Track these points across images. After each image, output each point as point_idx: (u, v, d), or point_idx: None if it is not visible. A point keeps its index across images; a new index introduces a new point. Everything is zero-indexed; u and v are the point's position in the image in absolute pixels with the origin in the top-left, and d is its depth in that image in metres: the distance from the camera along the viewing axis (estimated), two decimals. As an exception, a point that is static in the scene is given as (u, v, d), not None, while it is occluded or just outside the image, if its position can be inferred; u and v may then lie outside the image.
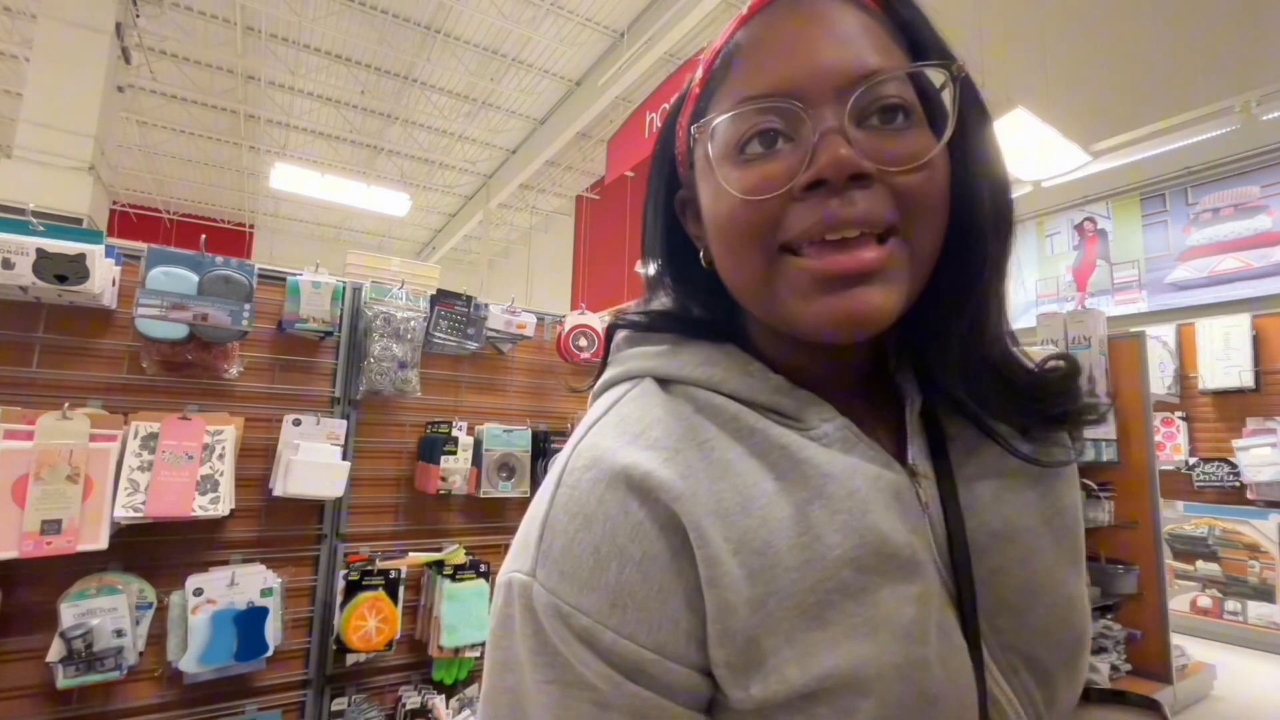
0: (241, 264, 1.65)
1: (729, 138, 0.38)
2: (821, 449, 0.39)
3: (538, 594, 0.35)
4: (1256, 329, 3.72)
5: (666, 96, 5.04)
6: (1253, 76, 3.86)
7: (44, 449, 1.36)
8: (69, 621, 1.37)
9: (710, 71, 0.42)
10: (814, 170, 0.35)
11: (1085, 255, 5.58)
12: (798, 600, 0.35)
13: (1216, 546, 3.68)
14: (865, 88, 0.35)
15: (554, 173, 9.21)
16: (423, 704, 1.81)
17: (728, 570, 0.35)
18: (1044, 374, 0.45)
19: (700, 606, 0.35)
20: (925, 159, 0.36)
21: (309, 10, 6.06)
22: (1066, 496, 0.44)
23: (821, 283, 0.36)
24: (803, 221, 0.36)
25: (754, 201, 0.36)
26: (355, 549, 1.84)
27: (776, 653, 0.34)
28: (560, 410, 2.27)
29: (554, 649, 0.34)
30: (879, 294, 0.36)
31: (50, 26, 4.20)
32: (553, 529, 0.36)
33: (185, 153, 8.93)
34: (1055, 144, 3.80)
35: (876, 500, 0.37)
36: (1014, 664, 0.40)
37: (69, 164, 4.04)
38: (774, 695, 0.34)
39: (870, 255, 0.35)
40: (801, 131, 0.36)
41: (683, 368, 0.43)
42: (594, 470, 0.37)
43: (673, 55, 6.11)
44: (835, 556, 0.35)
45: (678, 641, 0.35)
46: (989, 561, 0.40)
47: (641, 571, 0.35)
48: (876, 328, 0.36)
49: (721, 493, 0.37)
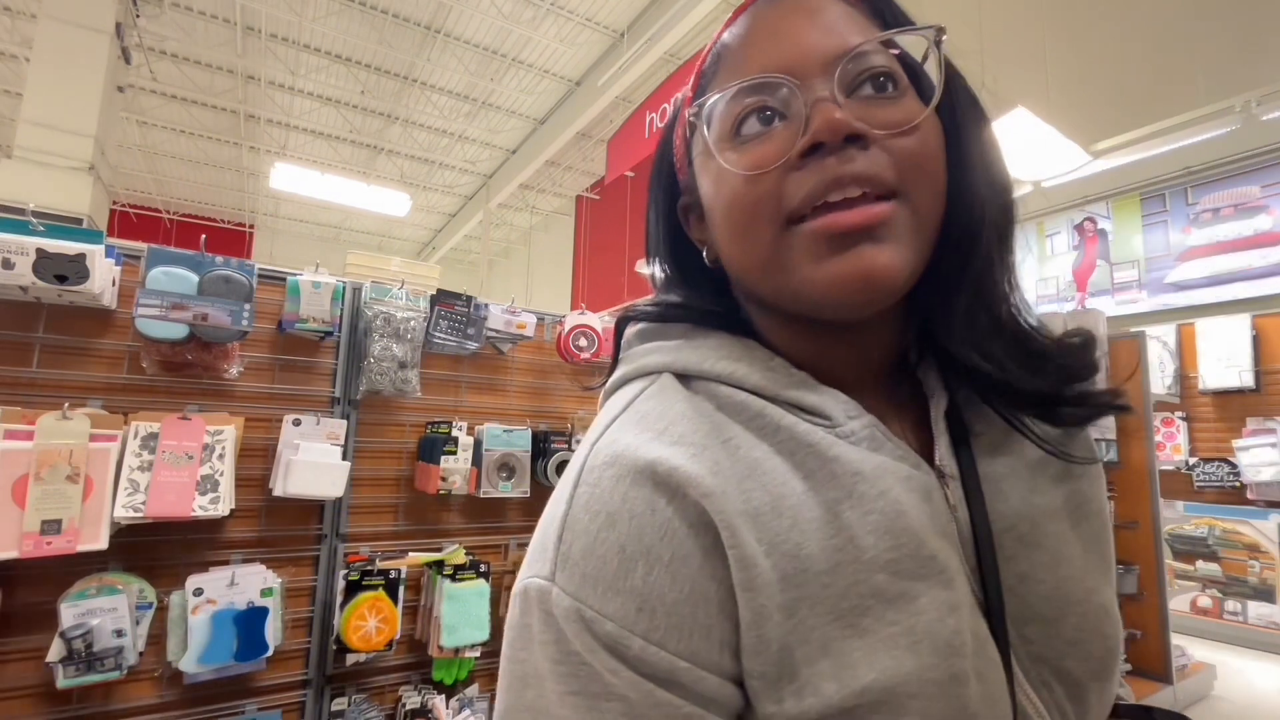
0: (241, 264, 1.65)
1: (724, 122, 0.39)
2: (850, 446, 0.37)
3: (557, 599, 0.32)
4: (1256, 329, 3.72)
5: (666, 96, 5.04)
6: (1253, 76, 3.86)
7: (44, 449, 1.36)
8: (69, 621, 1.37)
9: (701, 72, 0.43)
10: (810, 134, 0.35)
11: (1085, 255, 5.58)
12: (831, 606, 0.33)
13: (1216, 546, 3.68)
14: (851, 58, 0.36)
15: (554, 173, 9.21)
16: (423, 704, 1.81)
17: (762, 572, 0.33)
18: (1061, 341, 0.44)
19: (733, 611, 0.33)
20: (916, 121, 0.36)
21: (309, 10, 6.06)
22: (1094, 501, 0.43)
23: (828, 242, 0.35)
24: (805, 186, 0.36)
25: (755, 177, 0.36)
26: (355, 549, 1.84)
27: (811, 664, 0.32)
28: (560, 410, 2.27)
29: (578, 658, 0.32)
30: (887, 252, 0.35)
31: (50, 26, 4.20)
32: (572, 529, 0.34)
33: (185, 153, 8.93)
34: (1055, 144, 3.80)
35: (909, 501, 0.36)
36: (1045, 677, 0.38)
37: (69, 164, 4.04)
38: (808, 710, 0.32)
39: (875, 209, 0.35)
40: (794, 107, 0.37)
41: (703, 361, 0.41)
42: (616, 467, 0.35)
43: (673, 55, 6.11)
44: (870, 559, 0.34)
45: (710, 649, 0.32)
46: (1017, 567, 0.39)
47: (671, 573, 0.32)
48: (888, 288, 0.36)
49: (750, 492, 0.35)
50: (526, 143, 8.38)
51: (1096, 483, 0.44)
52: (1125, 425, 2.87)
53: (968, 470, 0.41)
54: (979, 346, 0.41)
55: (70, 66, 4.18)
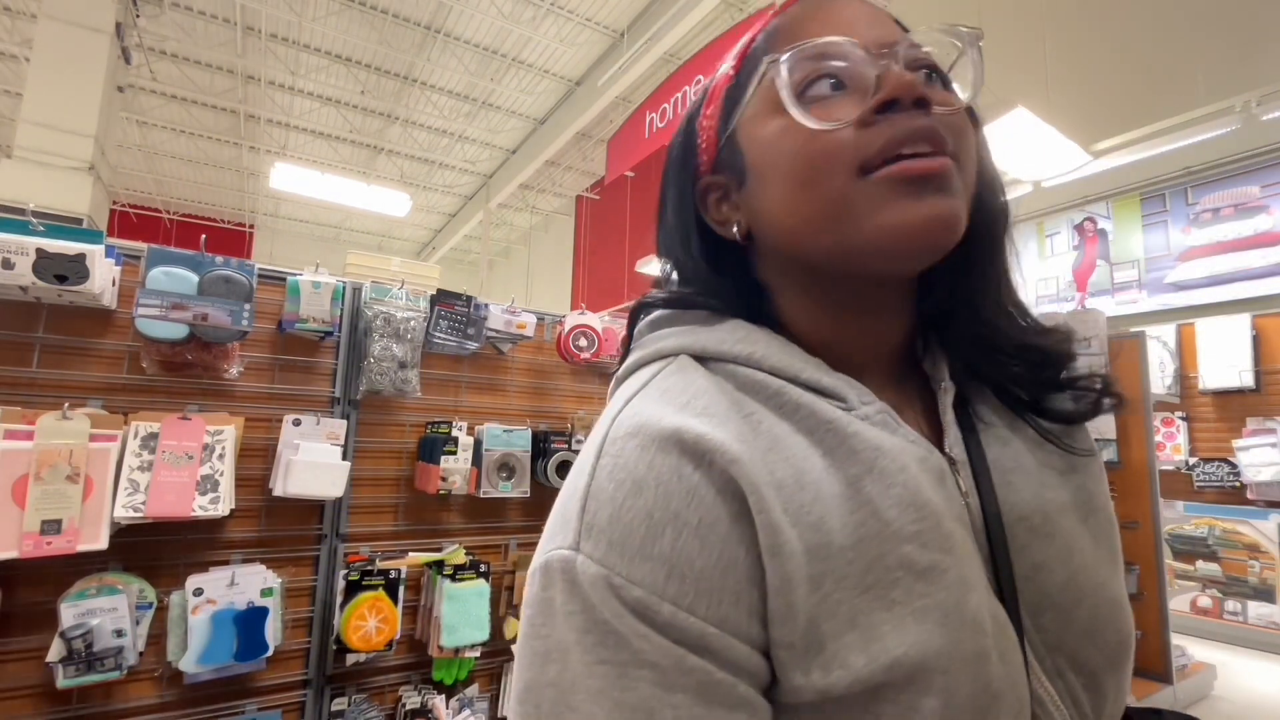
0: (241, 264, 1.65)
1: (792, 85, 0.39)
2: (868, 426, 0.38)
3: (583, 567, 0.32)
4: (1256, 329, 3.72)
5: (667, 96, 5.03)
6: (1253, 76, 3.86)
7: (44, 449, 1.36)
8: (69, 621, 1.37)
9: (749, 52, 0.43)
10: (887, 91, 0.36)
11: (1085, 255, 5.58)
12: (856, 581, 0.33)
13: (1216, 546, 3.67)
14: (908, 44, 0.39)
15: (554, 173, 9.22)
16: (423, 704, 1.81)
17: (789, 540, 0.33)
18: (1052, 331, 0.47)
19: (760, 579, 0.33)
20: (960, 107, 0.39)
21: (309, 10, 6.07)
22: (1099, 496, 0.44)
23: (905, 185, 0.36)
24: (882, 136, 0.37)
25: (826, 132, 0.37)
26: (355, 549, 1.84)
27: (838, 637, 0.32)
28: (560, 410, 2.27)
29: (605, 625, 0.31)
30: (954, 203, 0.37)
31: (50, 26, 4.20)
32: (597, 498, 0.33)
33: (185, 153, 8.93)
34: (1055, 144, 3.79)
35: (927, 481, 0.36)
36: (1060, 666, 0.38)
37: (69, 164, 4.05)
38: (836, 683, 0.31)
39: (946, 160, 0.37)
40: (861, 74, 0.38)
41: (721, 342, 0.41)
42: (640, 436, 0.34)
43: (673, 55, 6.11)
44: (895, 531, 0.34)
45: (739, 615, 0.32)
46: (1030, 556, 0.39)
47: (700, 538, 0.32)
48: (952, 237, 0.37)
49: (774, 464, 0.35)
50: (526, 143, 8.38)
51: (1099, 479, 0.45)
52: (1125, 425, 2.87)
53: (977, 459, 0.41)
54: (986, 335, 0.43)
55: (70, 66, 4.18)
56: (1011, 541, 0.39)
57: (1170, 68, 4.39)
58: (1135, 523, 2.82)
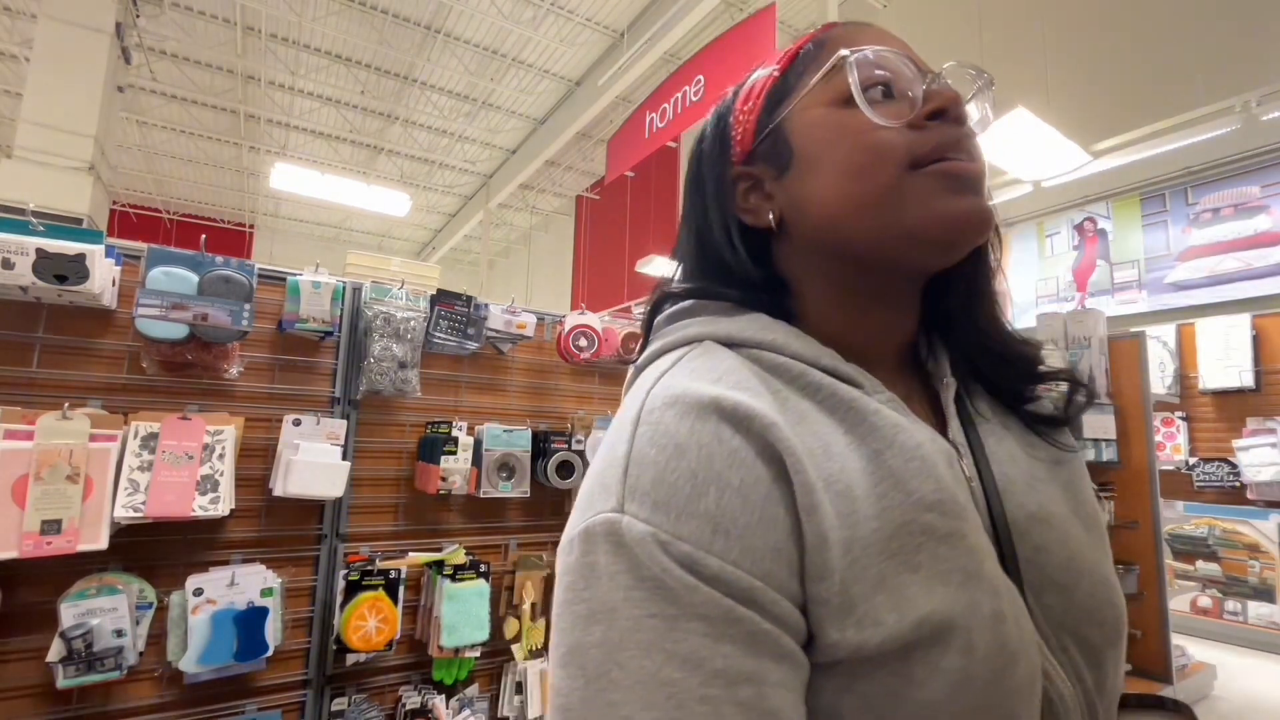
0: (241, 264, 1.65)
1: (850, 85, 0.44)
2: (884, 407, 0.41)
3: (629, 526, 0.33)
4: (1256, 329, 3.72)
5: (666, 96, 5.03)
6: (1253, 76, 3.87)
7: (44, 449, 1.36)
8: (69, 621, 1.37)
9: (798, 54, 0.47)
10: (938, 102, 0.42)
11: (1085, 255, 5.58)
12: (881, 546, 0.35)
13: (1216, 546, 3.68)
14: (940, 73, 0.44)
15: (554, 173, 9.22)
16: (423, 704, 1.81)
17: (823, 502, 0.35)
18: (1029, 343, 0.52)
19: (799, 537, 0.34)
20: (980, 132, 0.45)
21: (309, 10, 6.07)
22: (1085, 490, 0.47)
23: (953, 182, 0.41)
24: (934, 138, 0.42)
25: (883, 127, 0.42)
26: (355, 549, 1.84)
27: (868, 598, 0.34)
28: (560, 410, 2.27)
29: (654, 580, 0.32)
30: (987, 204, 0.42)
31: (50, 26, 4.20)
32: (639, 463, 0.34)
33: (185, 153, 8.93)
34: (1055, 144, 3.80)
35: (940, 461, 0.39)
36: (1064, 642, 0.41)
37: (69, 164, 4.05)
38: (869, 639, 0.33)
39: (982, 167, 0.43)
40: (905, 90, 0.43)
41: (744, 330, 0.43)
42: (679, 405, 0.36)
43: (673, 55, 6.12)
44: (917, 499, 0.36)
45: (781, 571, 0.33)
46: (1032, 539, 0.42)
47: (742, 497, 0.34)
48: (986, 232, 0.42)
49: (803, 436, 0.37)
50: (526, 143, 8.38)
51: (1083, 475, 0.49)
52: (1125, 425, 2.87)
53: (978, 449, 0.45)
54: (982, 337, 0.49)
55: (70, 66, 4.18)
56: (1013, 525, 0.42)
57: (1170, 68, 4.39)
58: (1135, 522, 2.82)
